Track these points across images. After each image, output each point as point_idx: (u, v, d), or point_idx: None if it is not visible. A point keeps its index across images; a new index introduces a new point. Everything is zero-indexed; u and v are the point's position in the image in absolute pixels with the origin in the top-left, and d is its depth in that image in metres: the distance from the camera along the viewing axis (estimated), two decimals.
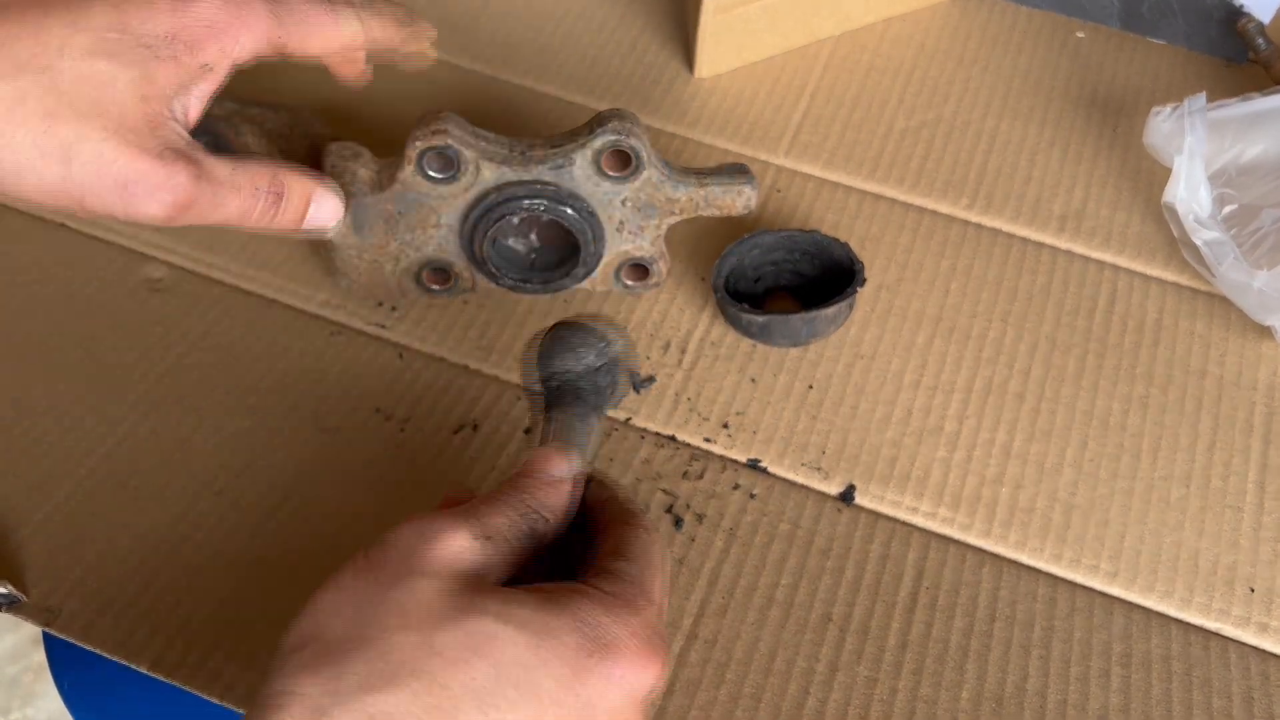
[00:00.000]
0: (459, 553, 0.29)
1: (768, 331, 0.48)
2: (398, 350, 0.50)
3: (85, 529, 0.43)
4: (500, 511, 0.31)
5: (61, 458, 0.45)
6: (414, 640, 0.27)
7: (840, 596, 0.43)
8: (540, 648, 0.28)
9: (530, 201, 0.45)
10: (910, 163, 0.58)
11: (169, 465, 0.45)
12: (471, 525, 0.30)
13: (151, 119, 0.34)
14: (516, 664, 0.27)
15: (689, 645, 0.42)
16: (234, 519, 0.44)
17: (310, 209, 0.40)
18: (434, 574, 0.29)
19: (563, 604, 0.29)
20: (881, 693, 0.41)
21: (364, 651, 0.27)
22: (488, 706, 0.27)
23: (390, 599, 0.28)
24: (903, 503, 0.46)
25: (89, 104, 0.33)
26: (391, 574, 0.29)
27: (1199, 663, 0.43)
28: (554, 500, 0.32)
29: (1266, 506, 0.47)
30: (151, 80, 0.34)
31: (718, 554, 0.44)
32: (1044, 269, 0.54)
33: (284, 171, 0.39)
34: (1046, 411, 0.49)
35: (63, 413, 0.46)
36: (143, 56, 0.34)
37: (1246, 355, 0.52)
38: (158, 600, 0.42)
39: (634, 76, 0.61)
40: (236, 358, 0.49)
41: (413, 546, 0.29)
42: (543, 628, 0.28)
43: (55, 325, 0.49)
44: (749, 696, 0.41)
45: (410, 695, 0.26)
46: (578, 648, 0.28)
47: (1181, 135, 0.52)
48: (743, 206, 0.47)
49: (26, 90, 0.33)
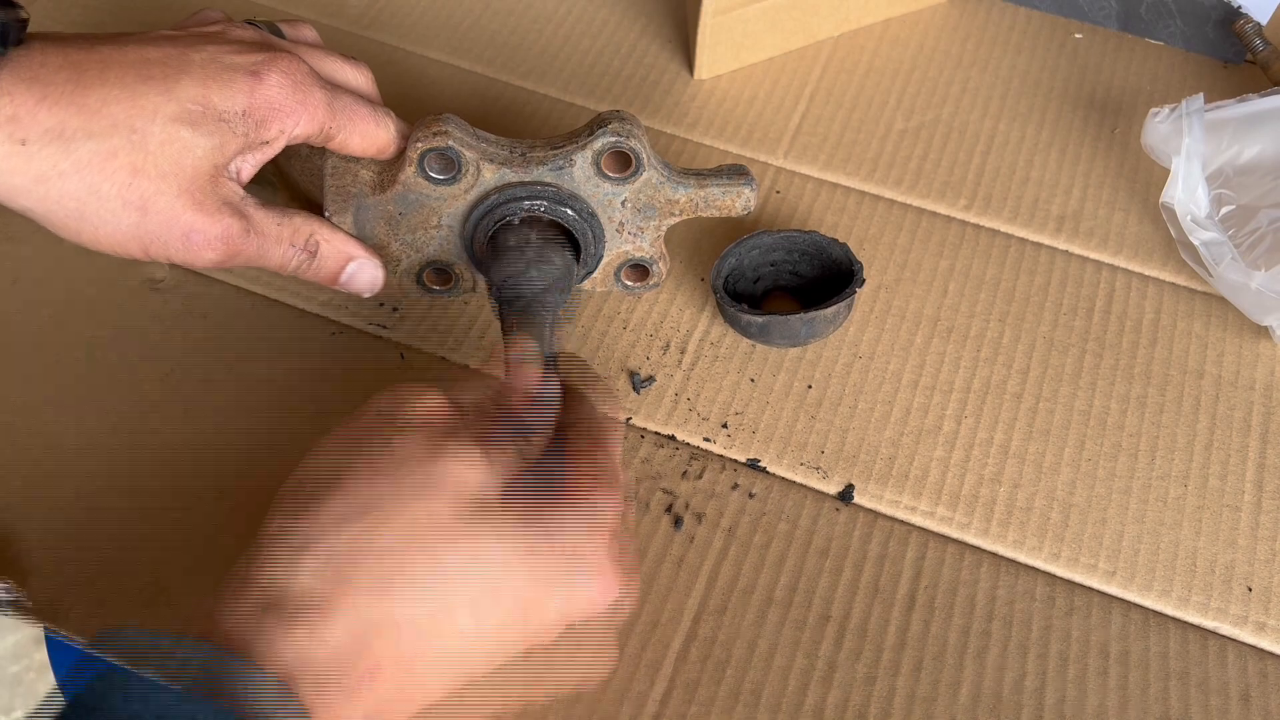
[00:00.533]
0: (430, 409, 0.34)
1: (767, 332, 0.49)
2: (399, 350, 0.50)
3: (87, 531, 0.43)
4: (472, 392, 0.36)
5: (64, 458, 0.45)
6: (382, 481, 0.31)
7: (839, 595, 0.44)
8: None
9: (530, 203, 0.45)
10: (909, 163, 0.59)
11: (171, 467, 0.45)
12: (440, 394, 0.35)
13: (215, 180, 0.39)
14: (471, 497, 0.32)
15: (688, 644, 0.42)
16: (235, 522, 0.44)
17: (347, 272, 0.45)
18: (407, 426, 0.33)
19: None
20: (880, 691, 0.41)
21: (339, 491, 0.31)
22: (441, 554, 0.31)
23: (363, 449, 0.32)
24: (901, 502, 0.47)
25: (170, 164, 0.38)
26: (364, 428, 0.33)
27: (1196, 662, 0.43)
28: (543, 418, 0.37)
29: (1264, 505, 0.47)
30: (222, 149, 0.39)
31: (717, 553, 0.45)
32: (1042, 269, 0.55)
33: (324, 232, 0.44)
34: (1045, 411, 0.50)
35: (65, 412, 0.47)
36: (219, 129, 0.39)
37: (1244, 355, 0.52)
38: (158, 602, 0.42)
39: (634, 78, 0.61)
40: (238, 358, 0.49)
41: (390, 408, 0.34)
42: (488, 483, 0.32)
43: (56, 326, 0.49)
44: (748, 694, 0.41)
45: (381, 520, 0.31)
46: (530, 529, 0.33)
47: (1179, 136, 0.52)
48: (742, 208, 0.47)
49: (118, 148, 0.37)
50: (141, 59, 0.38)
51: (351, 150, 0.43)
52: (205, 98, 0.38)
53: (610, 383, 0.48)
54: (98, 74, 0.37)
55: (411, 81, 0.60)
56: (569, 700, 0.40)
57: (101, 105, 0.37)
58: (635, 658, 0.41)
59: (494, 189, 0.45)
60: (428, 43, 0.62)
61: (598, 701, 0.40)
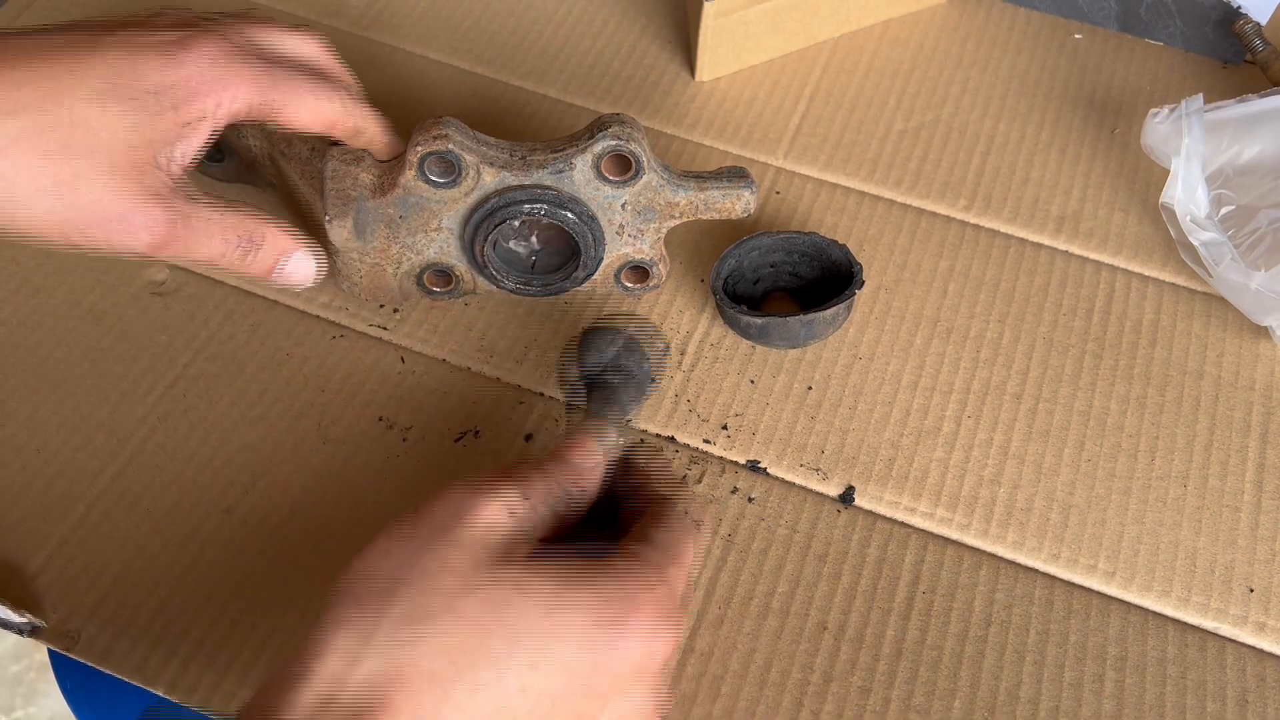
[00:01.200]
0: (492, 521, 0.32)
1: (766, 333, 0.49)
2: (400, 353, 0.50)
3: (99, 552, 0.44)
4: (535, 485, 0.34)
5: (74, 478, 0.46)
6: (445, 592, 0.31)
7: (836, 603, 0.44)
8: (553, 615, 0.31)
9: (531, 205, 0.45)
10: (909, 164, 0.59)
11: (179, 482, 0.45)
12: (507, 495, 0.33)
13: (139, 164, 0.37)
14: (530, 629, 0.30)
15: (685, 658, 0.42)
16: (243, 538, 0.44)
17: (283, 265, 0.42)
18: (466, 542, 0.32)
19: (585, 574, 0.32)
20: (874, 703, 0.41)
21: (406, 590, 0.30)
22: (502, 666, 0.30)
23: (427, 556, 0.31)
24: (901, 503, 0.47)
25: (83, 146, 0.36)
26: (428, 533, 0.32)
27: (1194, 665, 0.43)
28: (583, 481, 0.36)
29: (1264, 506, 0.47)
30: (140, 129, 0.37)
31: (715, 562, 0.45)
32: (1042, 270, 0.55)
33: (265, 227, 0.41)
34: (1044, 412, 0.50)
35: (73, 430, 0.47)
36: (134, 107, 0.37)
37: (1244, 355, 0.52)
38: (171, 623, 0.42)
39: (634, 79, 0.61)
40: (241, 365, 0.49)
41: (453, 511, 0.32)
42: (558, 597, 0.31)
43: (61, 335, 0.49)
44: (743, 711, 0.41)
45: (442, 631, 0.30)
46: (592, 618, 0.31)
47: (1179, 136, 0.52)
48: (742, 210, 0.47)
49: (26, 129, 0.36)
50: (58, 43, 0.37)
51: (302, 126, 0.41)
52: (117, 76, 0.37)
53: None
54: (12, 56, 0.36)
55: (411, 82, 0.60)
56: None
57: (14, 87, 0.36)
58: None
59: (494, 192, 0.45)
60: (428, 43, 0.62)
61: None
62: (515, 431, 0.48)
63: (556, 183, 0.45)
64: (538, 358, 0.50)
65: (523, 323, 0.51)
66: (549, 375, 0.49)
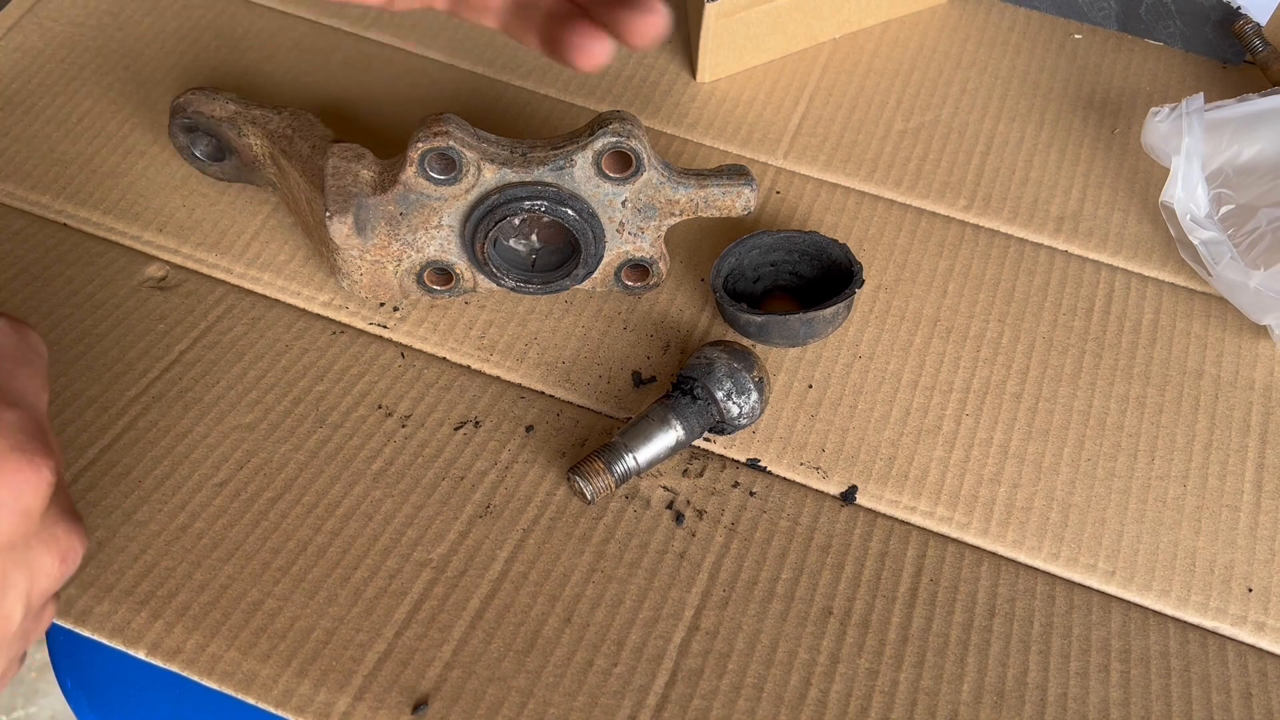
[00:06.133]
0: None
1: (766, 332, 0.49)
2: (399, 350, 0.50)
3: (84, 518, 0.43)
4: None
5: (63, 449, 0.45)
6: None
7: (840, 591, 0.44)
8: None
9: (531, 203, 0.45)
10: (909, 164, 0.59)
11: (170, 457, 0.45)
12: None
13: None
14: None
15: (690, 636, 0.42)
16: (235, 510, 0.44)
17: None
18: None
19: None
20: (883, 684, 0.41)
21: None
22: None
23: None
24: (901, 502, 0.47)
25: None
26: None
27: (1197, 659, 0.43)
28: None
29: (1263, 505, 0.47)
30: None
31: (718, 548, 0.45)
32: (1041, 269, 0.55)
33: None
34: (1044, 411, 0.50)
35: (64, 405, 0.47)
36: None
37: (1243, 355, 0.52)
38: (157, 587, 0.42)
39: (634, 79, 0.61)
40: (239, 355, 0.49)
41: None
42: None
43: (57, 323, 0.49)
44: (751, 687, 0.41)
45: None
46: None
47: (1179, 136, 0.52)
48: (742, 208, 0.47)
49: None
50: None
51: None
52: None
53: (612, 381, 0.47)
54: None
55: (412, 81, 0.61)
56: (569, 692, 0.40)
57: None
58: (637, 650, 0.41)
59: (495, 189, 0.45)
60: (428, 43, 0.62)
61: (599, 693, 0.40)
62: (515, 424, 0.48)
63: (557, 180, 0.45)
64: (538, 356, 0.50)
65: (523, 321, 0.51)
66: (549, 373, 0.49)
